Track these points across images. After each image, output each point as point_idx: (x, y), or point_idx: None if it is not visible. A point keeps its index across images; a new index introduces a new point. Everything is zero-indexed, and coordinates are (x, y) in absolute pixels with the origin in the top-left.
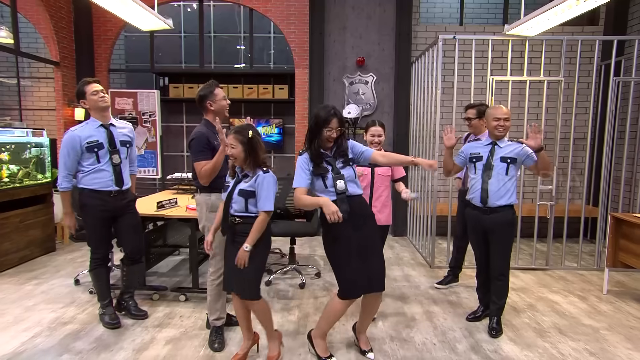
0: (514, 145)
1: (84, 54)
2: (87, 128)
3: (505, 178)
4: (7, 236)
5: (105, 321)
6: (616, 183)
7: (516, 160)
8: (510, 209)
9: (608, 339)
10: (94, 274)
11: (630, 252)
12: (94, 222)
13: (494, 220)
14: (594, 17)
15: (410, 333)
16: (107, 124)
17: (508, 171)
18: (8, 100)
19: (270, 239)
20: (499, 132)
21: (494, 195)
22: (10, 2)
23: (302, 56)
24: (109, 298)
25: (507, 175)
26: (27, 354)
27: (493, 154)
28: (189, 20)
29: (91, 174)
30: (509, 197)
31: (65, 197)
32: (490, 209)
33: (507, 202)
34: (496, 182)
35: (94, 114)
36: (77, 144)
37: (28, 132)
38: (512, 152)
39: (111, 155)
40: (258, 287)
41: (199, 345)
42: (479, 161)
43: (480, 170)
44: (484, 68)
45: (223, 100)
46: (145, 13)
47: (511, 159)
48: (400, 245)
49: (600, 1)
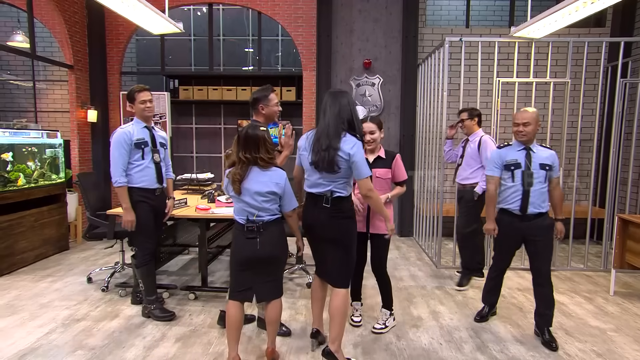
0: (547, 151)
1: (97, 57)
2: (134, 127)
3: (544, 185)
4: (23, 235)
5: (158, 315)
6: (623, 184)
7: (552, 167)
8: (547, 214)
9: (615, 340)
10: (145, 269)
11: (638, 253)
12: (146, 218)
13: (536, 226)
14: (601, 19)
15: (416, 333)
16: (150, 126)
17: (546, 178)
18: (24, 103)
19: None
20: (519, 137)
21: (535, 203)
22: (27, 8)
23: (309, 58)
24: (156, 294)
25: (545, 182)
26: (43, 350)
27: (530, 160)
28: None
29: (138, 172)
30: (546, 205)
31: (123, 192)
32: (530, 215)
33: (545, 210)
34: (538, 189)
35: (138, 118)
36: (128, 139)
37: (43, 133)
38: (548, 160)
39: (153, 153)
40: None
41: (208, 343)
42: (517, 168)
43: (518, 178)
44: (490, 70)
45: (275, 105)
46: (156, 17)
47: (549, 167)
48: (407, 245)
49: (607, 3)
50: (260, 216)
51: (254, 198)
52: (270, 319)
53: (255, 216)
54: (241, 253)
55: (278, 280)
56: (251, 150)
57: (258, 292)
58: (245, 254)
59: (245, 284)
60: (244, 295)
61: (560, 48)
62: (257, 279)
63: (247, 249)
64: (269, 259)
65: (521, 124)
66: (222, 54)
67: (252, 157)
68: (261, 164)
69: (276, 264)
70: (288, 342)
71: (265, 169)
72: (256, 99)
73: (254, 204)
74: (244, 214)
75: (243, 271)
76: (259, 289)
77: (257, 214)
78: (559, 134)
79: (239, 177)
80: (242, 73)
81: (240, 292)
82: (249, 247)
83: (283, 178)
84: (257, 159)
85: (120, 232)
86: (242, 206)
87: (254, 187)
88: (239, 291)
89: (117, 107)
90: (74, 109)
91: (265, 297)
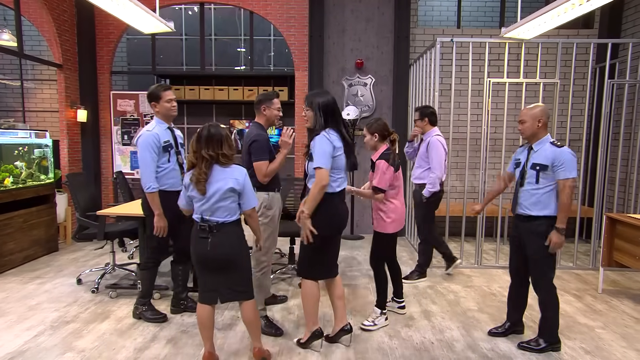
0: (553, 149)
1: (87, 57)
2: (159, 129)
3: (535, 186)
4: (11, 236)
5: (149, 317)
6: (611, 184)
7: (547, 167)
8: (545, 220)
9: (603, 338)
10: (147, 273)
11: (625, 251)
12: (171, 223)
13: (526, 229)
14: (589, 21)
15: (408, 332)
16: (171, 127)
17: (538, 179)
18: (12, 102)
19: None
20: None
21: (522, 204)
22: (14, 5)
23: (301, 58)
24: (150, 297)
25: (538, 183)
26: (31, 353)
27: (528, 159)
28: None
29: (164, 175)
30: (541, 209)
31: (156, 197)
32: (523, 217)
33: (539, 214)
34: (527, 189)
35: (161, 118)
36: (157, 142)
37: (31, 133)
38: (546, 159)
39: (177, 155)
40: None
41: (199, 344)
42: (518, 167)
43: (518, 177)
44: (480, 70)
45: (277, 110)
46: (147, 16)
47: (541, 166)
48: (399, 245)
49: (595, 5)
50: (215, 216)
51: (215, 196)
52: (245, 320)
53: (208, 215)
54: (194, 252)
55: (241, 283)
56: (214, 147)
57: (221, 293)
58: (197, 252)
59: (208, 285)
60: (209, 296)
61: (549, 49)
62: (219, 280)
63: (198, 247)
64: (222, 261)
65: (519, 121)
66: (214, 53)
67: (214, 154)
68: (223, 161)
69: (233, 267)
70: (280, 343)
71: (226, 167)
72: (260, 100)
73: (212, 203)
74: (199, 212)
75: (202, 272)
76: (222, 291)
77: (209, 214)
78: None
79: (205, 176)
80: (234, 73)
81: (204, 292)
82: (200, 247)
83: (243, 174)
84: (219, 156)
85: (110, 233)
86: (199, 205)
87: (215, 185)
88: (203, 292)
89: (107, 106)
90: (63, 108)
91: (227, 298)
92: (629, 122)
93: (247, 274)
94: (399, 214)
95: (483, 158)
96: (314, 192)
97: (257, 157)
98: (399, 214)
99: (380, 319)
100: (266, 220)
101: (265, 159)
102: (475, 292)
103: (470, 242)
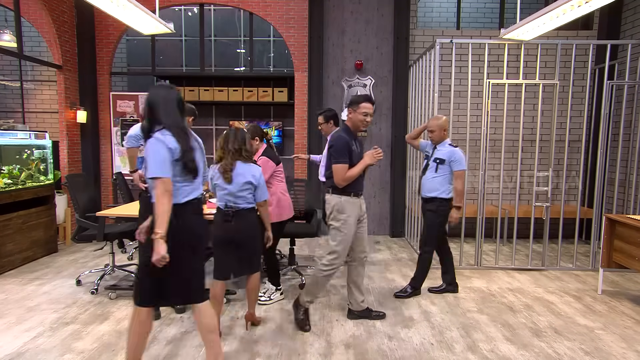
0: (449, 148)
1: (86, 57)
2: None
3: (435, 174)
4: (10, 237)
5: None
6: (610, 185)
7: (445, 161)
8: (439, 200)
9: (603, 339)
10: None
11: (624, 252)
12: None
13: (425, 208)
14: (588, 22)
15: (408, 333)
16: None
17: (437, 169)
18: (11, 103)
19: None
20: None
21: (425, 188)
22: (14, 6)
23: (301, 59)
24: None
25: (437, 172)
26: (30, 354)
27: (433, 154)
28: (190, 24)
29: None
30: (437, 192)
31: None
32: (426, 198)
33: (436, 195)
34: (429, 178)
35: None
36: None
37: (31, 134)
38: (444, 155)
39: None
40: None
41: (199, 345)
42: (425, 159)
43: (423, 168)
44: (480, 71)
45: (362, 115)
46: (147, 17)
47: (440, 160)
48: (399, 246)
49: (594, 6)
50: (237, 203)
51: (236, 186)
52: (249, 288)
53: (232, 203)
54: (218, 233)
55: (252, 260)
56: (239, 143)
57: (235, 269)
58: (220, 234)
59: (225, 263)
60: (224, 273)
61: (549, 50)
62: (234, 258)
63: (222, 229)
64: (241, 239)
65: (429, 130)
66: (214, 54)
67: (238, 148)
68: (245, 156)
69: (249, 244)
70: (280, 344)
71: (246, 163)
72: (351, 102)
73: (234, 192)
74: (224, 200)
75: (221, 252)
76: (235, 267)
77: (234, 202)
78: (548, 135)
79: (230, 167)
80: (234, 74)
81: (220, 270)
82: (224, 228)
83: (258, 172)
84: (242, 150)
85: (109, 234)
86: (224, 194)
87: (238, 177)
88: (219, 270)
89: (107, 107)
90: (62, 109)
91: (240, 273)
92: (629, 123)
93: (258, 252)
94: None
95: (482, 159)
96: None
97: (336, 158)
98: (281, 204)
99: (275, 294)
100: (337, 224)
101: (344, 162)
102: (474, 293)
103: (470, 242)
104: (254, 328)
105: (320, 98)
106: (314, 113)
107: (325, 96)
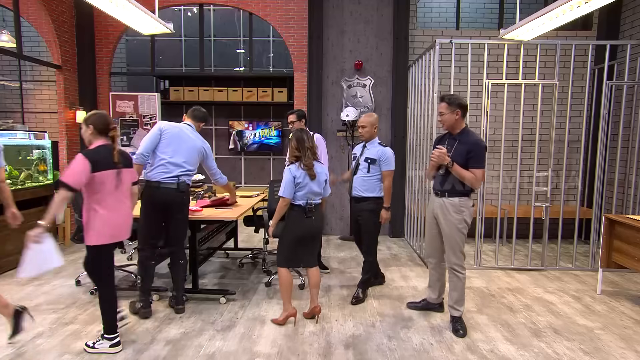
0: (379, 147)
1: (86, 58)
2: None
3: (367, 174)
4: (9, 238)
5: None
6: (610, 185)
7: (375, 161)
8: (373, 200)
9: (602, 339)
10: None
11: (624, 252)
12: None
13: (360, 208)
14: (588, 22)
15: (407, 333)
16: None
17: (369, 169)
18: (11, 103)
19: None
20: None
21: (357, 188)
22: (13, 6)
23: (301, 60)
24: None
25: (369, 173)
26: (29, 355)
27: (362, 153)
28: (190, 24)
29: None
30: (370, 192)
31: None
32: (357, 198)
33: (369, 195)
34: (360, 177)
35: None
36: None
37: (30, 134)
38: (375, 155)
39: None
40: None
41: (198, 346)
42: (354, 159)
43: (353, 167)
44: (479, 71)
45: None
46: (146, 17)
47: (371, 160)
48: (398, 246)
49: (594, 7)
50: (315, 200)
51: (318, 183)
52: (314, 283)
53: (312, 200)
54: (301, 229)
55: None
56: (311, 141)
57: (304, 260)
58: (305, 229)
59: (298, 255)
60: (295, 263)
61: (548, 50)
62: (308, 250)
63: (306, 225)
64: (318, 232)
65: (360, 126)
66: (213, 54)
67: (312, 146)
68: (315, 153)
69: (319, 238)
70: (280, 345)
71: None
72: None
73: (315, 190)
74: (305, 198)
75: (297, 245)
76: (305, 258)
77: (313, 198)
78: (547, 135)
79: (312, 162)
80: (234, 74)
81: (291, 261)
82: (308, 224)
83: (325, 168)
84: (314, 148)
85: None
86: (305, 192)
87: (319, 175)
88: (290, 260)
89: (106, 107)
90: (62, 109)
91: (307, 264)
92: (628, 123)
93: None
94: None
95: None
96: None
97: (480, 164)
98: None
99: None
100: (462, 226)
101: (484, 167)
102: (474, 293)
103: (470, 243)
104: (254, 328)
105: (319, 98)
106: (314, 113)
107: (325, 96)
